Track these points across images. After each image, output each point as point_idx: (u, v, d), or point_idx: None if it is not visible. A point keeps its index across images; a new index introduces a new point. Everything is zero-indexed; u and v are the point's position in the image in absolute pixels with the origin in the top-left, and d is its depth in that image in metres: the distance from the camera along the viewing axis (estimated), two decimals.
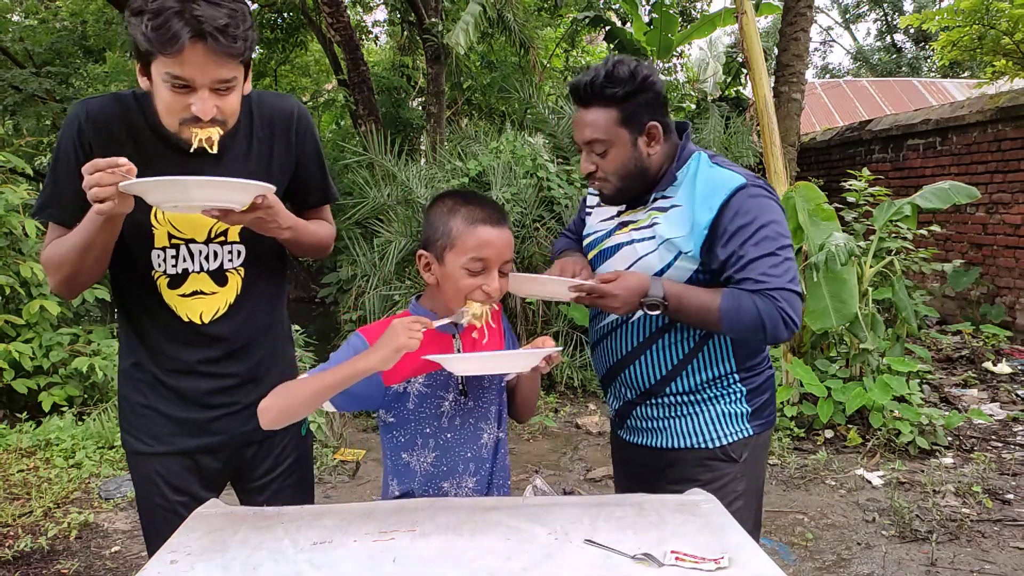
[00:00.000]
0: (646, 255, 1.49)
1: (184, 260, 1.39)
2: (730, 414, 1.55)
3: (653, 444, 1.60)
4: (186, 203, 1.23)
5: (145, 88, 1.26)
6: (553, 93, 8.63)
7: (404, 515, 1.28)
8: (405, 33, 11.10)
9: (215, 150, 1.28)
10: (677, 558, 1.12)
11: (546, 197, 4.86)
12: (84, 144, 1.29)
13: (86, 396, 4.18)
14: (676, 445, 1.56)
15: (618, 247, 1.55)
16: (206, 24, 1.15)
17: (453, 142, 6.20)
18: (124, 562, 2.81)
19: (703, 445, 1.55)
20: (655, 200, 1.52)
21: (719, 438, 1.55)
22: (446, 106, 8.10)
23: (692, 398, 1.56)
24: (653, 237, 1.49)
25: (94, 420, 3.93)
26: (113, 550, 2.91)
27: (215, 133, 1.26)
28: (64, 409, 4.01)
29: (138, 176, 1.18)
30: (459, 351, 1.39)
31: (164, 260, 1.38)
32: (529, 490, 3.02)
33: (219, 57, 1.18)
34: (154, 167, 1.26)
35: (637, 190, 1.52)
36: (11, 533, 2.94)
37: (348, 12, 7.70)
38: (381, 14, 12.31)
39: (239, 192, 1.23)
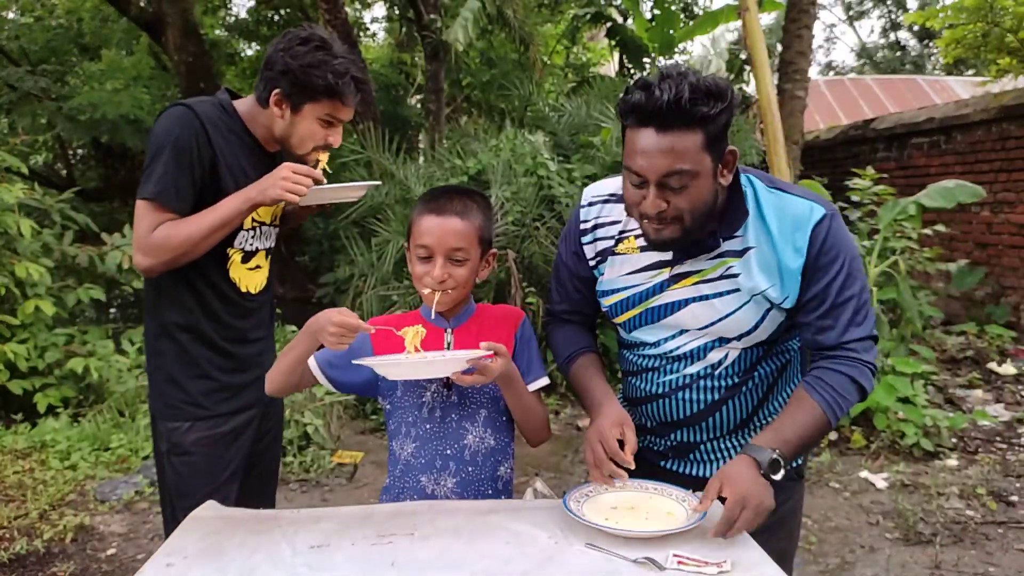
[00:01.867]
0: (732, 313, 1.30)
1: (257, 239, 1.68)
2: None
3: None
4: (327, 200, 1.67)
5: (278, 115, 1.56)
6: (553, 90, 8.59)
7: (403, 518, 1.27)
8: (403, 30, 11.07)
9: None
10: (680, 562, 1.11)
11: (546, 196, 4.82)
12: (207, 140, 1.53)
13: (81, 397, 4.16)
14: None
15: (682, 304, 1.33)
16: (361, 85, 1.56)
17: (452, 140, 6.16)
18: (120, 565, 2.79)
19: None
20: (722, 243, 1.30)
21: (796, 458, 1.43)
22: (445, 104, 8.06)
23: (770, 420, 1.41)
24: (738, 290, 1.29)
25: (89, 422, 3.90)
26: (109, 553, 2.88)
27: (324, 160, 1.62)
28: (59, 411, 3.98)
29: (248, 172, 1.58)
30: (449, 346, 1.41)
31: (246, 239, 1.65)
32: (529, 493, 2.97)
33: (354, 106, 1.58)
34: (243, 163, 1.59)
35: (698, 234, 1.27)
36: (6, 536, 2.92)
37: (345, 8, 7.65)
38: (379, 10, 12.29)
39: (363, 191, 1.69)
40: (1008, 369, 5.07)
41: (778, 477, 1.20)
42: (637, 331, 1.41)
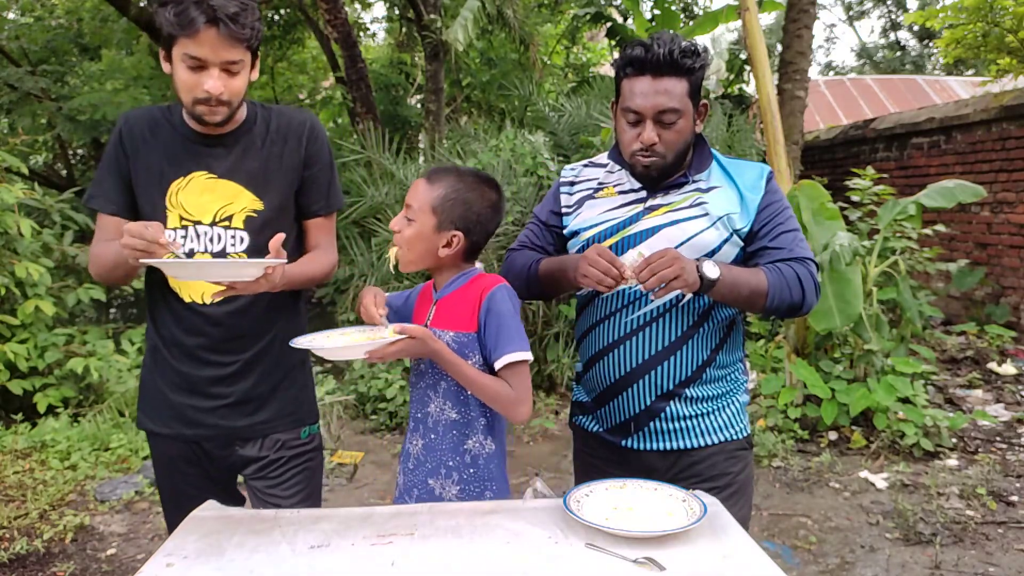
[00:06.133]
0: (700, 232, 1.47)
1: (191, 240, 1.51)
2: (744, 403, 1.61)
3: (677, 446, 1.53)
4: (204, 278, 1.45)
5: (167, 72, 1.46)
6: (553, 90, 8.59)
7: (403, 518, 1.28)
8: (403, 30, 11.08)
9: (220, 119, 1.46)
10: None
11: None
12: (123, 144, 1.53)
13: (81, 397, 4.15)
14: (710, 442, 1.53)
15: (655, 231, 1.49)
16: (219, 11, 1.36)
17: (452, 140, 6.16)
18: (120, 565, 2.79)
19: (736, 436, 1.56)
20: (692, 182, 1.54)
21: (745, 427, 1.59)
22: (445, 103, 8.06)
23: (720, 389, 1.55)
24: (706, 215, 1.49)
25: (89, 422, 3.90)
26: (109, 552, 2.88)
27: (222, 113, 1.45)
28: (59, 411, 3.98)
29: (163, 166, 1.50)
30: (430, 318, 1.48)
31: (174, 238, 1.51)
32: (529, 493, 2.97)
33: (229, 41, 1.38)
34: (178, 159, 1.51)
35: (672, 171, 1.52)
36: (6, 536, 2.91)
37: (346, 9, 7.66)
38: (379, 11, 12.29)
39: (251, 268, 1.40)
40: (1008, 369, 5.07)
41: (712, 275, 1.36)
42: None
